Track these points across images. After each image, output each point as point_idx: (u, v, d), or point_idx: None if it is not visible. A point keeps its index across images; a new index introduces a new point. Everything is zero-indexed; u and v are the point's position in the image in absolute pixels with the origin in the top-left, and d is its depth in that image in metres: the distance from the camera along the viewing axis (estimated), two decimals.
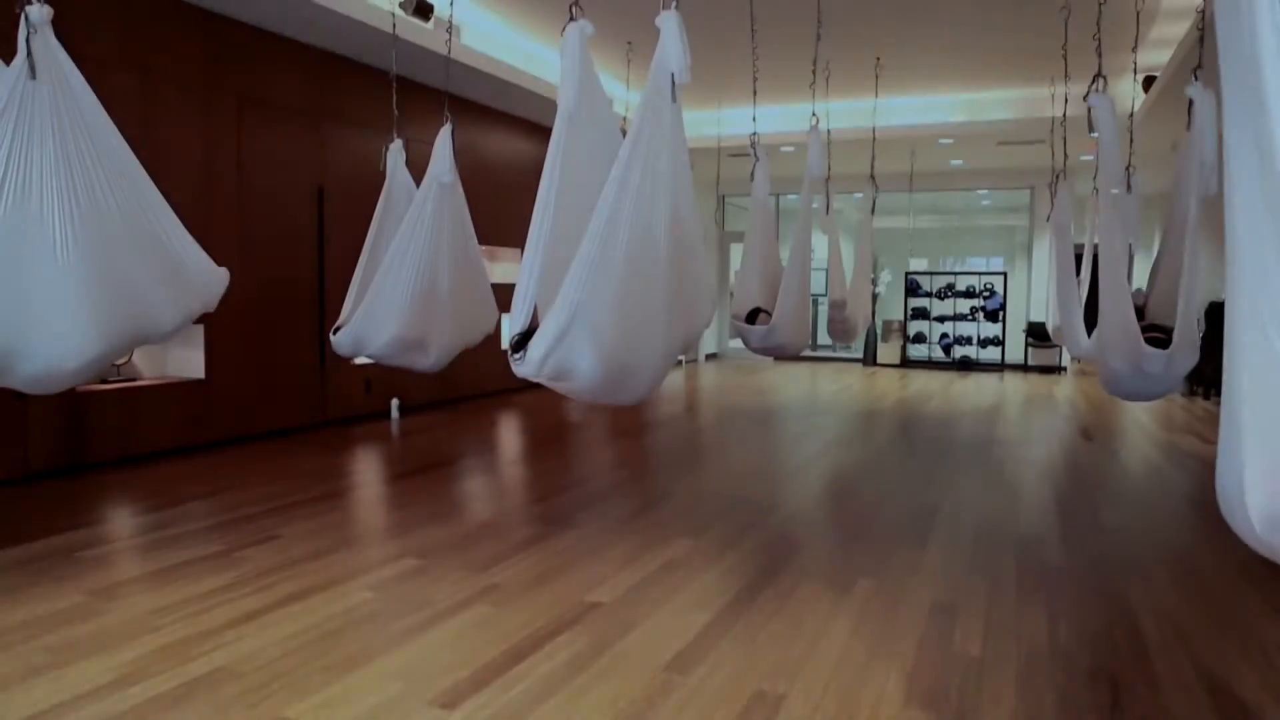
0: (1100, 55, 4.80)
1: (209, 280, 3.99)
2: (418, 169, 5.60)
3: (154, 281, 3.70)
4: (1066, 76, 6.90)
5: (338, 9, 6.15)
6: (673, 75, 3.26)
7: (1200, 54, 4.15)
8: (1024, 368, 13.38)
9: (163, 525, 4.17)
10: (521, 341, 3.29)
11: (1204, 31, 4.31)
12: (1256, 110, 1.49)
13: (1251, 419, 1.56)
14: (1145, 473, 5.71)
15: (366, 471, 5.59)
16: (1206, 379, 9.62)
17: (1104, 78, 4.43)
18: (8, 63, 3.35)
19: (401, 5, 6.62)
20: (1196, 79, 3.97)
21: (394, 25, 5.95)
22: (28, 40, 3.29)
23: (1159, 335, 4.49)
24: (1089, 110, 4.39)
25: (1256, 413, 1.55)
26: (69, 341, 3.39)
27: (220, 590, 3.26)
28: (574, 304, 3.12)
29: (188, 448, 6.02)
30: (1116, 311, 4.35)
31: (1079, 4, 6.66)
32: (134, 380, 5.90)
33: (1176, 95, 6.40)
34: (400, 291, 4.88)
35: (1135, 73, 6.74)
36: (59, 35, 3.45)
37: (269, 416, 6.66)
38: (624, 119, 7.93)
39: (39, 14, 3.33)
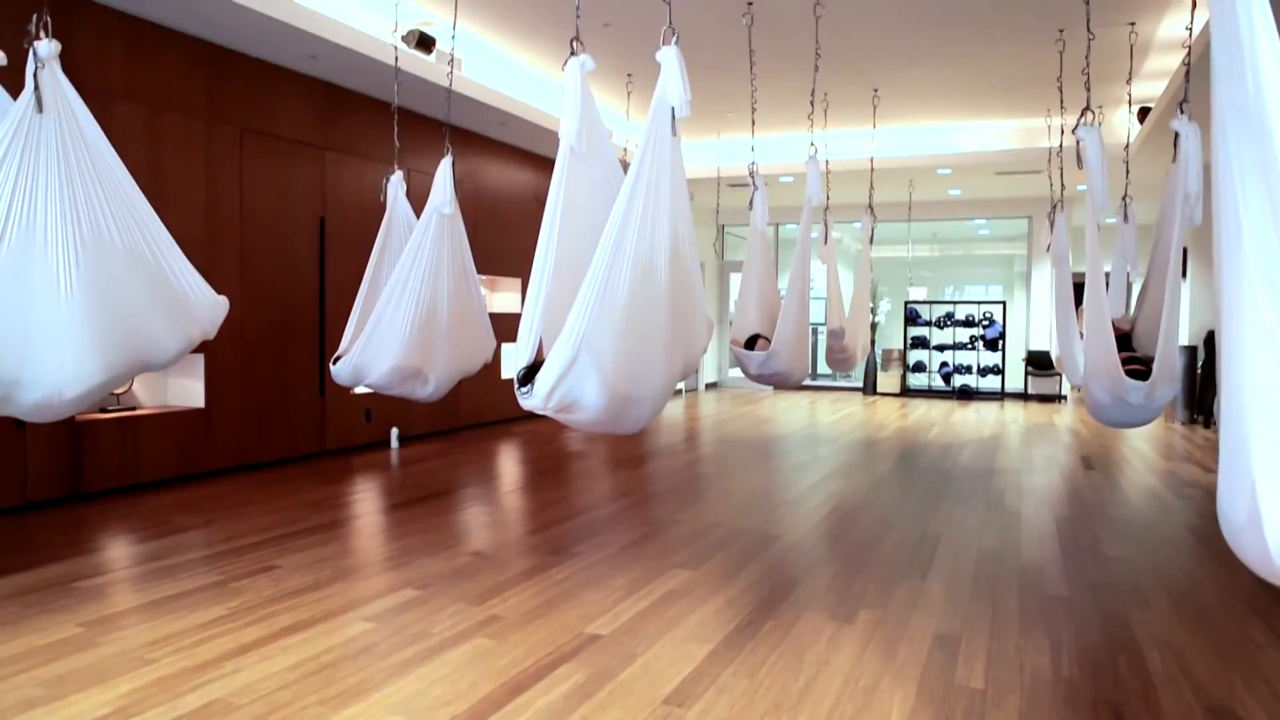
0: (1089, 89, 4.87)
1: (209, 308, 4.01)
2: (418, 198, 5.64)
3: (155, 311, 3.72)
4: (1062, 108, 6.99)
5: (340, 42, 6.22)
6: (673, 109, 3.31)
7: (1186, 89, 4.20)
8: (1024, 396, 13.37)
9: (160, 555, 4.15)
10: (528, 375, 3.31)
11: (1189, 67, 4.37)
12: (1262, 142, 1.54)
13: (1265, 452, 1.57)
14: (1147, 501, 5.69)
15: (365, 501, 5.57)
16: (1207, 407, 9.62)
17: (1093, 111, 4.48)
18: (16, 96, 3.39)
19: (404, 38, 6.70)
20: (1182, 112, 4.02)
21: (396, 58, 6.02)
22: (35, 74, 3.33)
23: (1139, 367, 4.52)
24: (1077, 143, 4.44)
25: (1272, 446, 1.56)
26: (70, 370, 3.41)
27: (217, 622, 3.24)
28: (579, 337, 3.14)
29: (187, 477, 6.01)
30: (1098, 343, 4.40)
31: (1073, 38, 6.76)
32: (133, 409, 5.89)
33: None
34: (400, 322, 4.92)
35: (1130, 104, 6.82)
36: (66, 68, 3.49)
37: (268, 446, 6.65)
38: (623, 150, 8.01)
39: (47, 49, 3.38)
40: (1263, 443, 1.56)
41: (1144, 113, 8.75)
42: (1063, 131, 7.31)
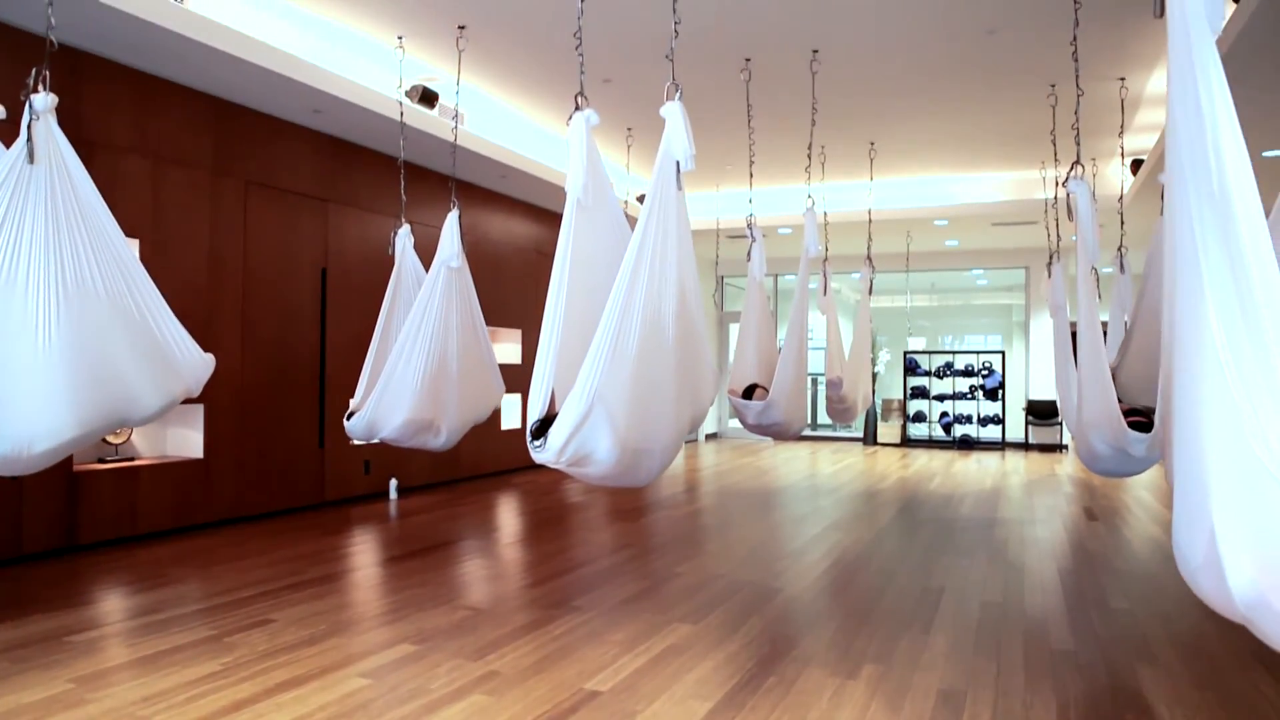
0: (1079, 143, 4.94)
1: (194, 366, 3.97)
2: (420, 251, 5.70)
3: (136, 367, 3.68)
4: (1056, 160, 7.08)
5: (345, 97, 6.32)
6: (678, 163, 3.36)
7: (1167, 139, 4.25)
8: (1025, 446, 13.33)
9: (154, 609, 4.10)
10: (541, 429, 3.30)
11: None
12: (1223, 213, 1.65)
13: (1223, 497, 1.65)
14: (1151, 552, 5.64)
15: (363, 554, 5.52)
16: None
17: (1083, 165, 4.54)
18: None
19: (407, 93, 6.82)
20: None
21: (401, 114, 6.11)
22: (29, 126, 3.38)
23: (1141, 419, 4.46)
24: (1068, 196, 4.49)
25: (1230, 492, 1.62)
26: (42, 423, 3.34)
27: (210, 677, 3.19)
28: (592, 390, 3.15)
29: (184, 528, 5.96)
30: (1097, 394, 4.35)
31: (1065, 93, 6.87)
32: (132, 460, 5.87)
33: None
34: (411, 376, 4.97)
35: (1123, 156, 6.91)
36: (77, 123, 3.55)
37: (267, 497, 6.61)
38: (624, 203, 8.09)
39: (43, 102, 3.43)
40: (1220, 488, 1.65)
41: (1137, 164, 8.87)
42: (1057, 184, 7.41)
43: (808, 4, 5.72)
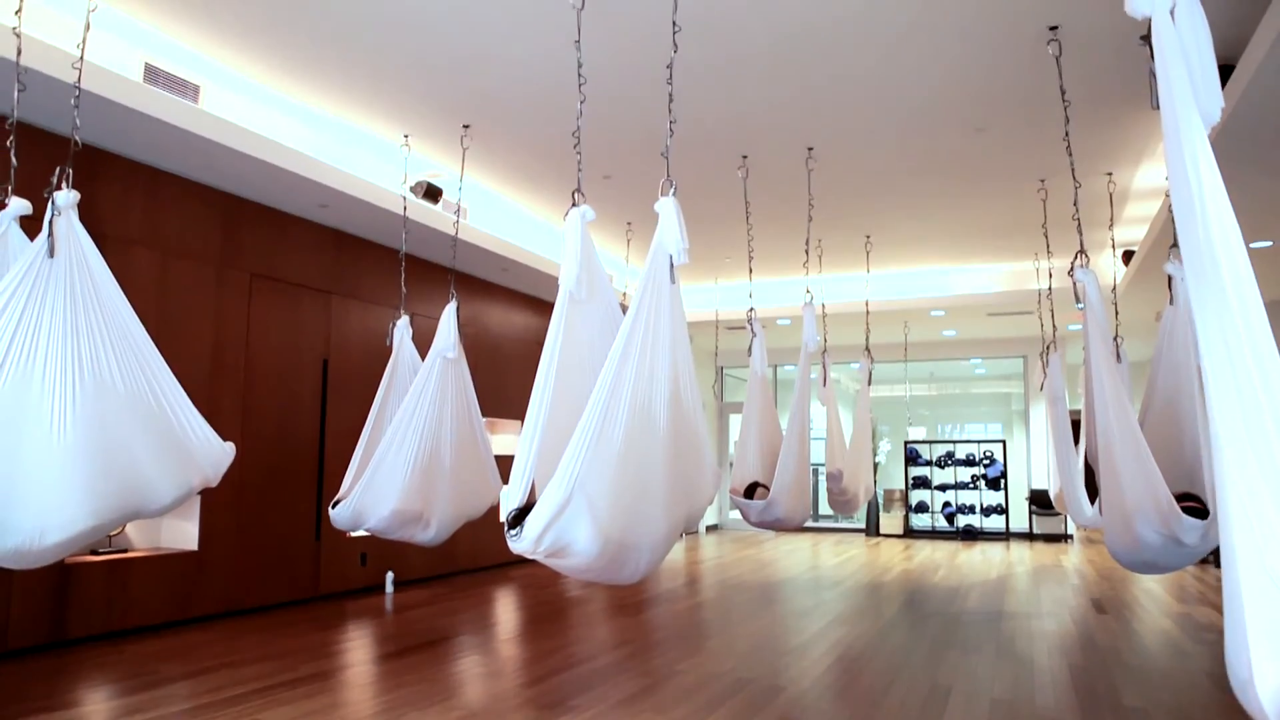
0: (1081, 233, 5.04)
1: (213, 456, 3.97)
2: (421, 342, 5.75)
3: (154, 458, 3.67)
4: (1049, 252, 7.21)
5: (350, 192, 6.48)
6: (671, 257, 3.41)
7: (1175, 231, 4.32)
8: (1029, 536, 13.16)
9: (141, 708, 3.98)
10: (518, 517, 3.26)
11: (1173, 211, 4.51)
12: (1220, 308, 1.65)
13: (1256, 609, 1.62)
14: (1163, 647, 5.52)
15: (357, 650, 5.39)
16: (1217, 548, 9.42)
17: (1086, 254, 4.62)
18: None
19: (412, 189, 6.98)
20: (1172, 257, 4.13)
21: (405, 208, 6.24)
22: (50, 221, 3.46)
23: (1195, 505, 4.18)
24: (1074, 284, 4.55)
25: (1259, 610, 1.61)
26: (54, 515, 3.31)
27: None
28: (572, 478, 3.10)
29: (176, 622, 5.84)
30: (1141, 478, 4.04)
31: (1055, 186, 7.05)
32: (125, 551, 5.79)
33: (1155, 268, 6.69)
34: (401, 465, 4.92)
35: (1114, 248, 7.04)
36: (90, 217, 3.63)
37: (261, 590, 6.50)
38: (623, 295, 8.21)
39: (65, 199, 3.53)
40: (1250, 596, 1.59)
41: (1128, 255, 9.02)
42: (1050, 274, 7.53)
43: (802, 104, 5.91)
